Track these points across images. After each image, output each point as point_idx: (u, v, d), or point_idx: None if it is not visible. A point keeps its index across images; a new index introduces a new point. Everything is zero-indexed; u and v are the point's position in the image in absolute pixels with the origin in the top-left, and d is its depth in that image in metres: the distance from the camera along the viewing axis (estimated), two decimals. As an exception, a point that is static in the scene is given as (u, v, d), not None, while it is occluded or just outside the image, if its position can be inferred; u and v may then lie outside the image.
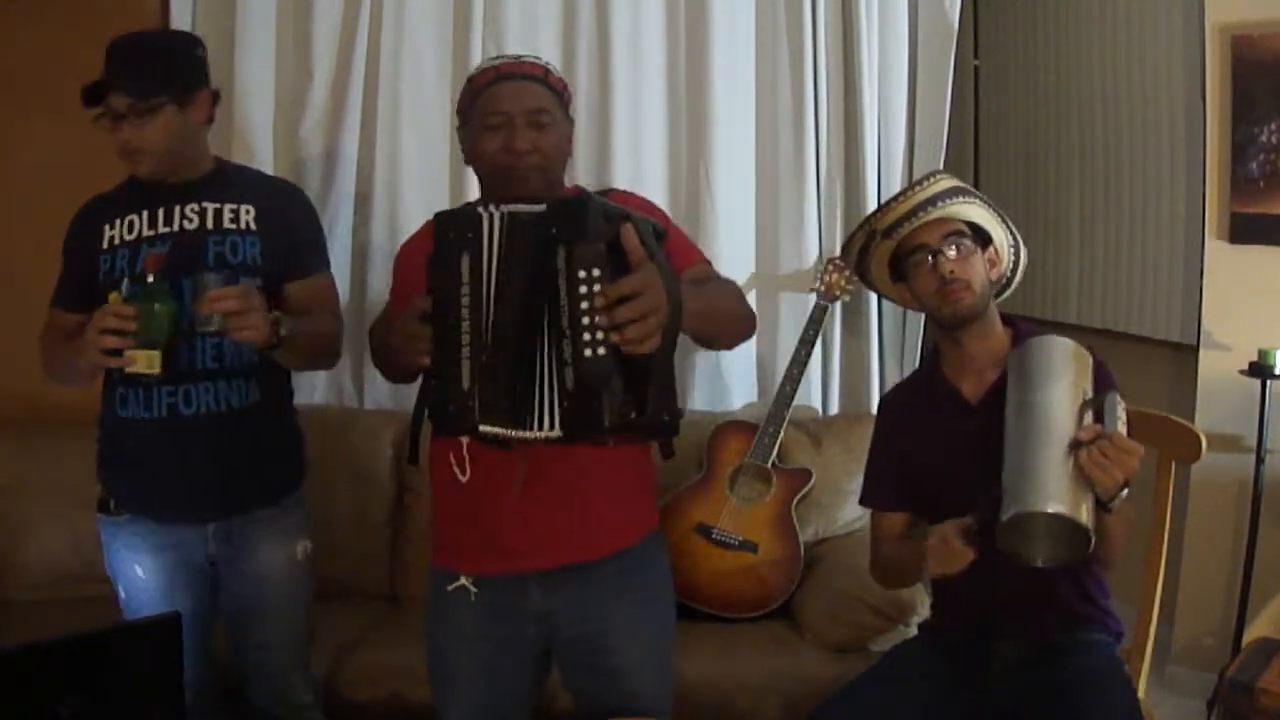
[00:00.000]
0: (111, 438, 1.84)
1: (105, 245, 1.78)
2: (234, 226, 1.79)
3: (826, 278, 2.65)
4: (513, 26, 2.72)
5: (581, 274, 1.26)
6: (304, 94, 2.71)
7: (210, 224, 1.78)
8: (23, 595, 2.52)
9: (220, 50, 2.70)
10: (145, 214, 1.78)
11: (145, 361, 1.59)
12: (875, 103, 2.75)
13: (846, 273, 2.60)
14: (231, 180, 1.85)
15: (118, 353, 1.59)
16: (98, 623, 1.81)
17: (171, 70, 1.74)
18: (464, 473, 1.55)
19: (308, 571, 1.93)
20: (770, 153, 2.80)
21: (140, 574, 1.84)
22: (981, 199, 1.75)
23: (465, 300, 1.35)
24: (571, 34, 2.75)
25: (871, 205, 2.75)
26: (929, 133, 2.76)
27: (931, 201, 1.69)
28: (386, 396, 2.82)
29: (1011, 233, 1.80)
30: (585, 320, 1.26)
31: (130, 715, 1.47)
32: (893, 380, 2.77)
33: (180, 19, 2.70)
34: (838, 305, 2.72)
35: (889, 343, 2.85)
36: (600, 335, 1.26)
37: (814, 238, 2.79)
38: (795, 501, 2.52)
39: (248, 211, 1.80)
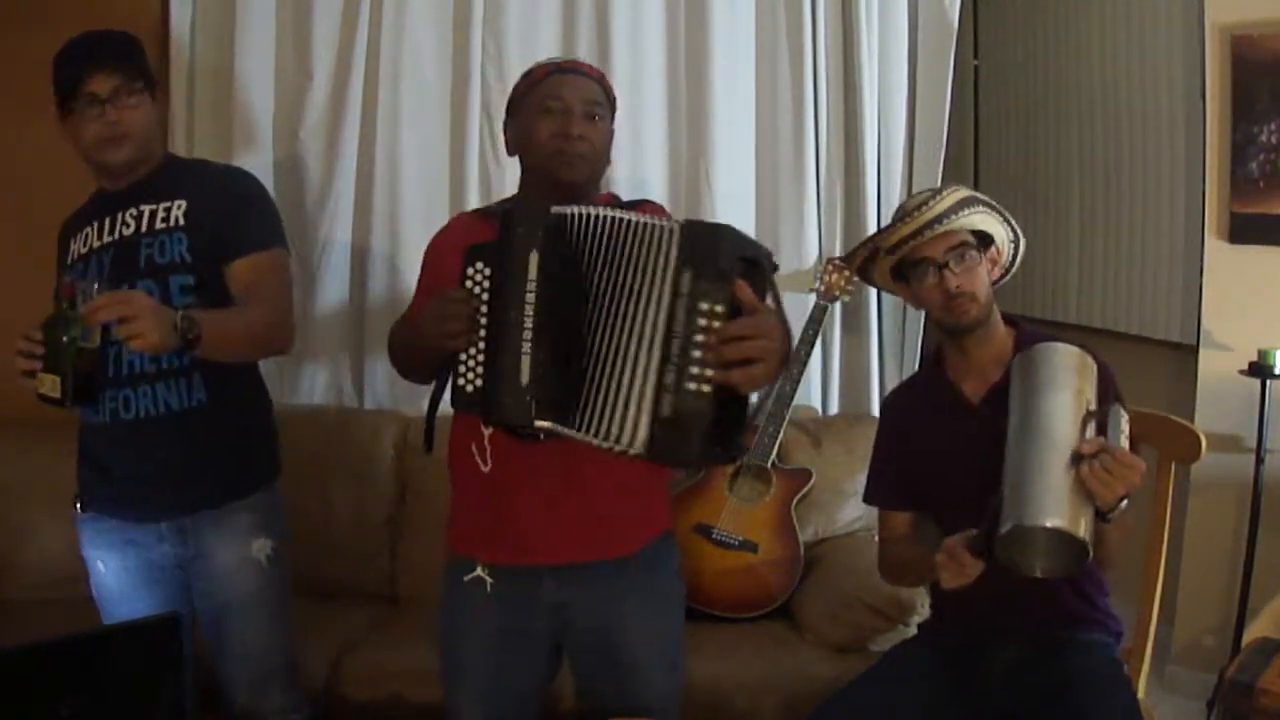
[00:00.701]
0: (80, 436, 1.86)
1: (69, 261, 1.80)
2: (164, 226, 1.76)
3: (826, 278, 2.64)
4: (513, 26, 2.71)
5: (704, 306, 1.25)
6: (304, 94, 2.71)
7: (144, 227, 1.76)
8: (23, 595, 2.52)
9: (220, 50, 2.71)
10: (96, 225, 1.79)
11: (49, 385, 1.56)
12: (875, 103, 2.74)
13: (846, 273, 2.60)
14: (174, 177, 1.83)
15: (35, 373, 1.57)
16: (98, 623, 1.83)
17: (143, 60, 1.78)
18: (485, 463, 1.57)
19: (274, 574, 1.86)
20: (770, 153, 2.80)
21: (102, 569, 1.84)
22: (985, 202, 1.75)
23: (530, 297, 1.35)
24: (571, 34, 2.74)
25: (871, 205, 2.76)
26: (929, 133, 2.76)
27: (938, 219, 1.69)
28: (386, 396, 2.82)
29: (1012, 228, 1.80)
30: (696, 354, 1.24)
31: (130, 715, 1.47)
32: (893, 380, 2.77)
33: (180, 19, 2.71)
34: (838, 305, 2.71)
35: (889, 343, 2.85)
36: (707, 372, 1.24)
37: (814, 238, 2.79)
38: (795, 501, 2.52)
39: (179, 207, 1.77)
